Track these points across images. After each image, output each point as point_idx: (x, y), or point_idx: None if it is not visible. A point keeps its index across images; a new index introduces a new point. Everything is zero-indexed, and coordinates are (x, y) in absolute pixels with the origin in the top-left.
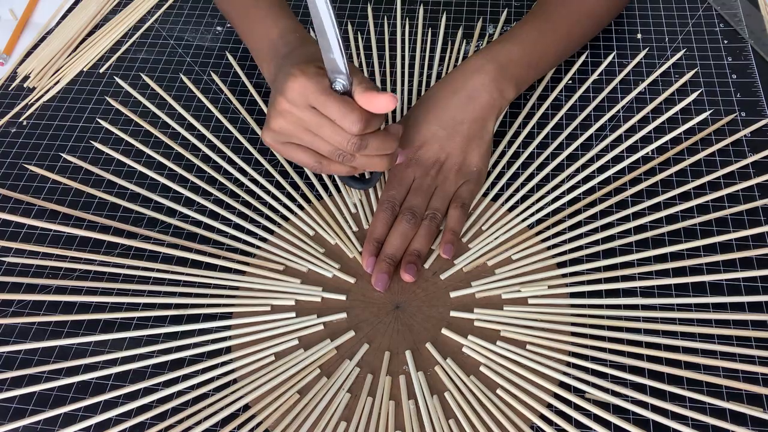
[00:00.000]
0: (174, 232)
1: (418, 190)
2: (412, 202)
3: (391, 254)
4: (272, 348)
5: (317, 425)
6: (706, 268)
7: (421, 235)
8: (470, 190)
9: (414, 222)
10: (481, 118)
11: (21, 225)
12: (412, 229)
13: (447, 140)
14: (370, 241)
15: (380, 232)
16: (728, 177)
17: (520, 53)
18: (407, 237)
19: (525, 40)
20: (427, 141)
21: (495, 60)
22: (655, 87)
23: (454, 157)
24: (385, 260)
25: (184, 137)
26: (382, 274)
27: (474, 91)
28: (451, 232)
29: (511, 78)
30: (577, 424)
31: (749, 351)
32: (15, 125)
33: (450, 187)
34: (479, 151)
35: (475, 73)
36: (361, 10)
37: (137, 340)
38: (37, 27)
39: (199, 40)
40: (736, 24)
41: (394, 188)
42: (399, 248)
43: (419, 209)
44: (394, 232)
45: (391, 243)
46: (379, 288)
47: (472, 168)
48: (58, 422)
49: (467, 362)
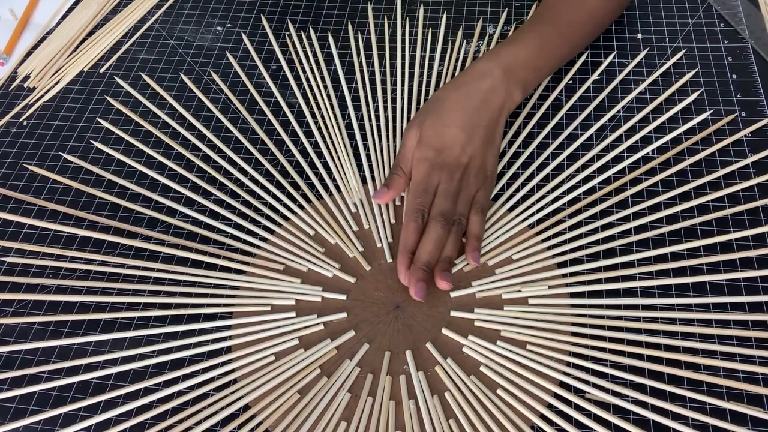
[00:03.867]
0: (174, 232)
1: (446, 194)
2: (443, 207)
3: (427, 261)
4: (272, 348)
5: (317, 425)
6: (707, 268)
7: (452, 241)
8: (486, 194)
9: (447, 227)
10: (495, 122)
11: (21, 225)
12: (445, 235)
13: (468, 143)
14: (404, 253)
15: (414, 242)
16: (728, 177)
17: (525, 56)
18: (441, 243)
19: (530, 43)
20: (448, 145)
21: (503, 63)
22: (655, 87)
23: (475, 159)
24: (422, 268)
25: (184, 137)
26: (421, 283)
27: (486, 95)
28: (476, 238)
29: (518, 81)
30: (578, 424)
31: (749, 351)
32: (15, 125)
33: (472, 191)
34: (493, 154)
35: (485, 77)
36: (361, 10)
37: (137, 340)
38: (37, 27)
39: (199, 40)
40: (736, 24)
41: (421, 195)
42: (435, 255)
43: (450, 214)
44: (428, 239)
45: (427, 250)
46: (419, 297)
47: (488, 171)
48: (59, 422)
49: (467, 362)
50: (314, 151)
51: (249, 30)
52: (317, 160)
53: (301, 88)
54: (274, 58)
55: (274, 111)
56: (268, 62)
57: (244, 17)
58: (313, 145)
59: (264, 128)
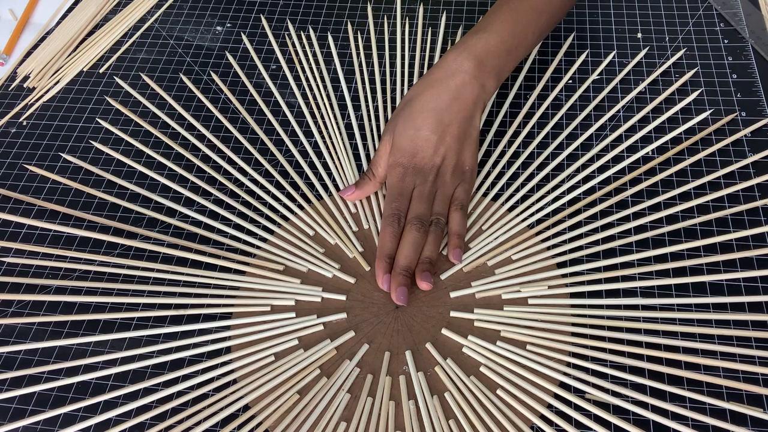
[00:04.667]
0: (174, 232)
1: (420, 197)
2: (418, 210)
3: (406, 266)
4: (272, 348)
5: (317, 425)
6: (707, 269)
7: (430, 242)
8: (466, 190)
9: (423, 230)
10: (468, 117)
11: (21, 225)
12: (422, 237)
13: (440, 144)
14: (381, 258)
15: (390, 247)
16: (728, 177)
17: (496, 41)
18: (419, 246)
19: (500, 27)
20: (420, 148)
21: (472, 55)
22: (655, 86)
23: (448, 159)
24: (401, 273)
25: (184, 137)
26: (402, 288)
27: (457, 92)
28: (457, 236)
29: (491, 70)
30: (578, 425)
31: (749, 351)
32: (15, 125)
33: (449, 190)
34: (470, 149)
35: (455, 74)
36: (361, 10)
37: (137, 341)
38: (37, 27)
39: (199, 40)
40: (736, 23)
41: (396, 200)
42: (413, 259)
43: (425, 217)
44: (405, 243)
45: (404, 254)
46: (401, 302)
47: (465, 167)
48: (58, 422)
49: (467, 362)
50: (314, 152)
51: (249, 30)
52: (317, 161)
53: (300, 88)
54: (273, 58)
55: (274, 111)
56: (268, 62)
57: (244, 17)
58: (313, 145)
59: (263, 128)
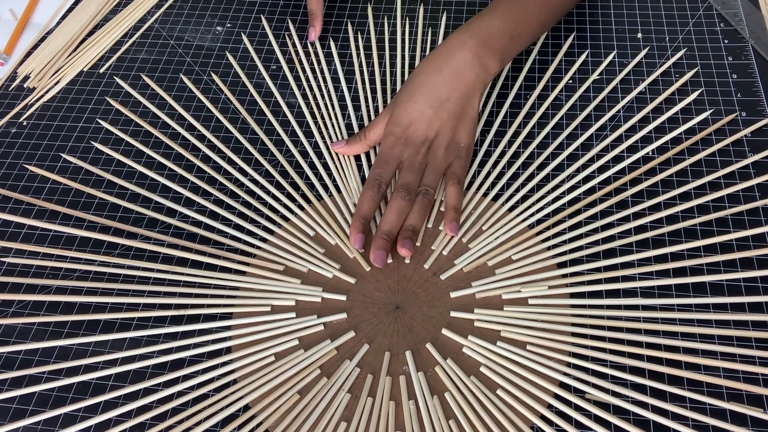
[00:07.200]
0: (174, 232)
1: (410, 167)
2: (406, 179)
3: (388, 231)
4: (272, 348)
5: (317, 426)
6: (707, 269)
7: (416, 210)
8: (462, 165)
9: (409, 198)
10: (467, 95)
11: (21, 225)
12: (407, 205)
13: (434, 118)
14: (357, 218)
15: (367, 209)
16: (728, 177)
17: (500, 25)
18: (403, 213)
19: (505, 11)
20: (414, 120)
21: (476, 35)
22: (655, 87)
23: (442, 134)
24: (381, 237)
25: (184, 137)
26: (380, 251)
27: (458, 68)
28: (453, 209)
29: (494, 51)
30: (578, 425)
31: (749, 351)
32: (15, 125)
33: (441, 164)
34: (466, 127)
35: (458, 50)
36: (361, 10)
37: (137, 341)
38: (37, 27)
39: (199, 40)
40: (736, 23)
41: (381, 167)
42: (395, 225)
43: (413, 186)
44: (390, 209)
45: (388, 220)
46: (378, 264)
47: (460, 144)
48: (58, 423)
49: (467, 362)
50: (314, 152)
51: (249, 30)
52: (317, 161)
53: (301, 89)
54: (273, 59)
55: (274, 111)
56: (268, 62)
57: (244, 17)
58: (313, 145)
59: (264, 128)
